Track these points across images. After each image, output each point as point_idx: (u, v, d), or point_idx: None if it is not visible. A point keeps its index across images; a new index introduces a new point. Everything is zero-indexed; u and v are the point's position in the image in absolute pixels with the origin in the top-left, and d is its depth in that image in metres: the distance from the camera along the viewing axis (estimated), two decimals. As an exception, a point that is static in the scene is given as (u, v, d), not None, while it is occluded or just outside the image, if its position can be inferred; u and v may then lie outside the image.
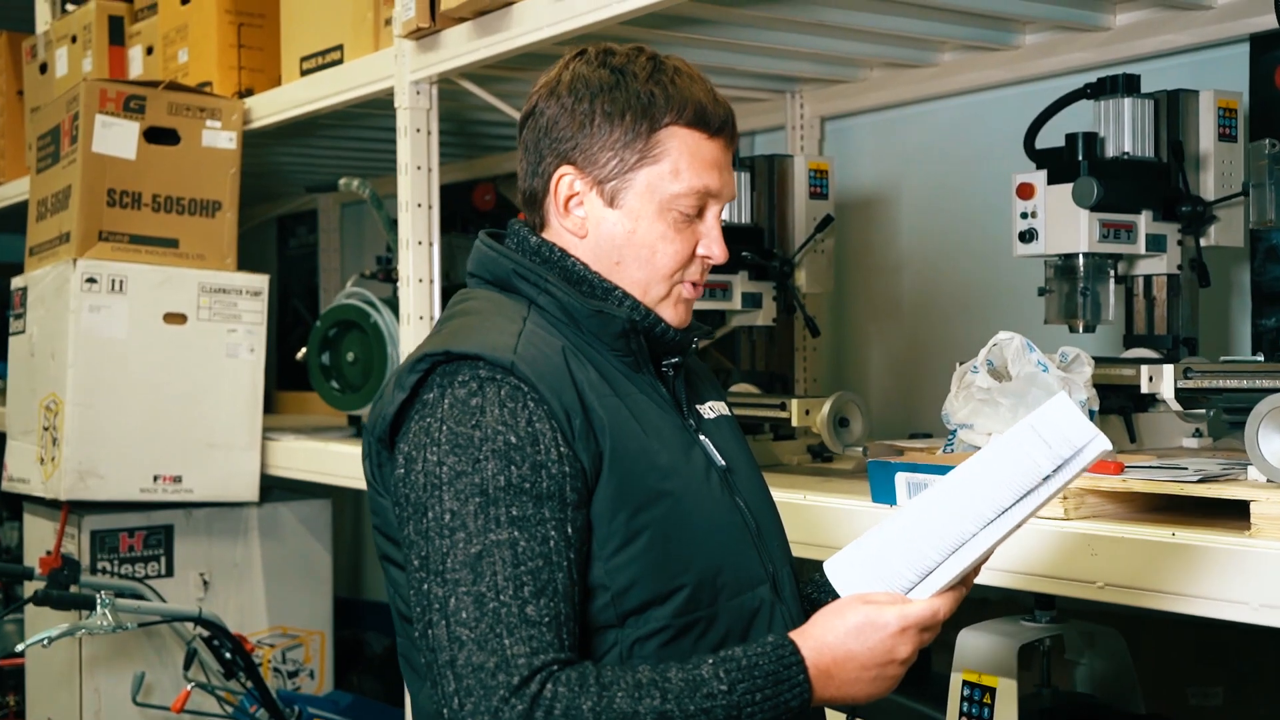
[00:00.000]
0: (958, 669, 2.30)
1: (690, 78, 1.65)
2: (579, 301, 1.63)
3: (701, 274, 1.70)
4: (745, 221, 3.17)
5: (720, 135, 1.66)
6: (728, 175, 1.67)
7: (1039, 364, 2.28)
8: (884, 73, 3.61)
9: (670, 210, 1.64)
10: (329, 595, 4.28)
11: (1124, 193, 2.54)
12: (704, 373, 1.89)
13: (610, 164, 1.63)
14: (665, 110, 1.62)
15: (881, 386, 3.68)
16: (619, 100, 1.62)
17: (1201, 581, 1.79)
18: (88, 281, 3.69)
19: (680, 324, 1.70)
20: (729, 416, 1.83)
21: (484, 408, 1.51)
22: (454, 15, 3.07)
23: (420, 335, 3.36)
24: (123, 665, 3.75)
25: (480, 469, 1.49)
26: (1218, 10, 2.93)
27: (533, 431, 1.51)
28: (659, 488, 1.57)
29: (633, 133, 1.62)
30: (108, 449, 3.71)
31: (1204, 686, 2.79)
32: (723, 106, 1.67)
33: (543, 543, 1.48)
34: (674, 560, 1.57)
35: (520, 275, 1.67)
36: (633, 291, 1.66)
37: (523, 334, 1.59)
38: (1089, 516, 2.01)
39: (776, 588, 1.68)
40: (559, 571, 1.49)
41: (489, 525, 1.47)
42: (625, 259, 1.66)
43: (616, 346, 1.65)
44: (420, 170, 3.36)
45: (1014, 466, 1.50)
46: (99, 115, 3.78)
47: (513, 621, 1.44)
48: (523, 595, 1.45)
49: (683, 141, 1.63)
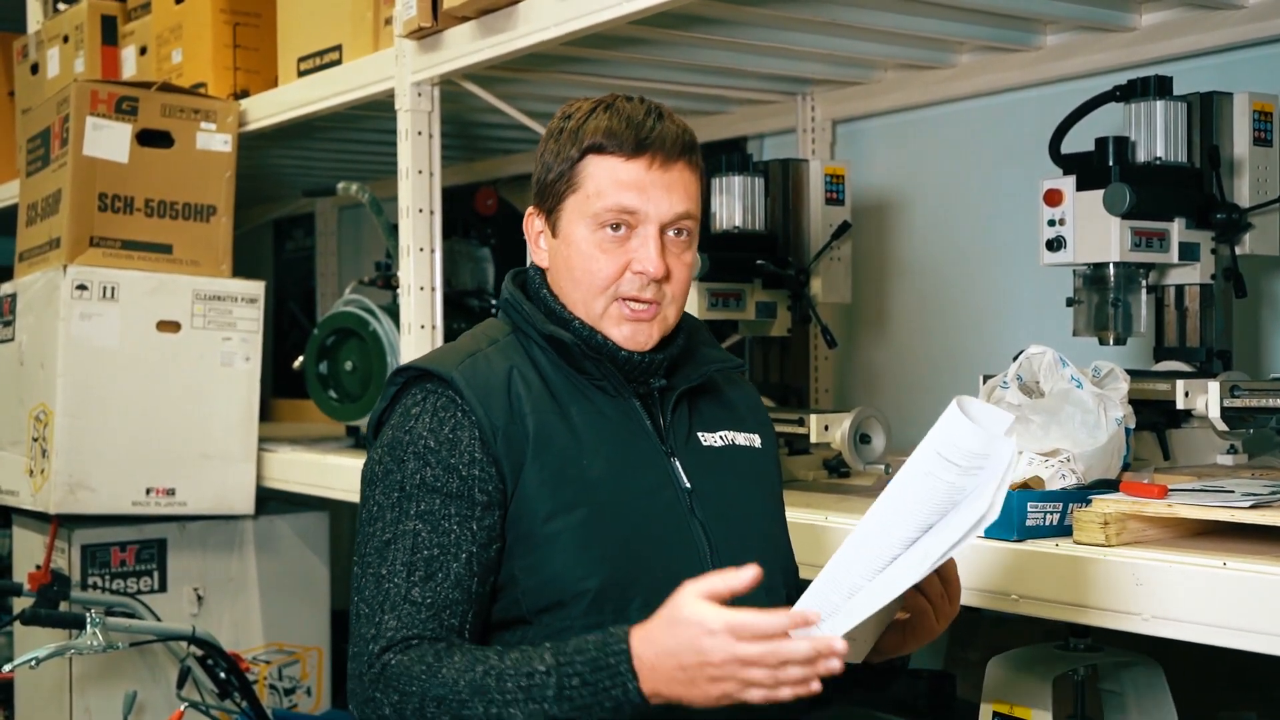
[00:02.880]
0: (988, 700, 2.20)
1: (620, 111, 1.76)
2: (539, 327, 1.79)
3: (640, 289, 1.76)
4: (759, 228, 3.07)
5: (639, 155, 1.74)
6: (657, 193, 1.74)
7: (1072, 379, 2.19)
8: (899, 74, 3.52)
9: (595, 230, 1.75)
10: (326, 610, 4.19)
11: (1156, 199, 2.45)
12: (739, 403, 1.93)
13: (549, 198, 1.81)
14: (583, 142, 1.76)
15: (894, 398, 3.58)
16: (556, 141, 1.80)
17: (1257, 615, 1.69)
18: (78, 288, 3.61)
19: (631, 343, 1.77)
20: (751, 448, 1.89)
21: (420, 416, 1.73)
22: (457, 14, 2.98)
23: (421, 343, 3.29)
24: (114, 683, 3.66)
25: (403, 468, 1.71)
26: (1249, 10, 2.83)
27: (454, 438, 1.70)
28: (579, 498, 1.70)
29: (561, 167, 1.78)
30: (99, 461, 3.62)
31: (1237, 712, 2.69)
32: (649, 129, 1.75)
33: (443, 535, 1.67)
34: (584, 565, 1.67)
35: (510, 305, 1.85)
36: (579, 311, 1.79)
37: (477, 355, 1.77)
38: (1131, 543, 1.92)
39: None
40: (454, 562, 1.66)
41: (400, 517, 1.69)
42: (568, 281, 1.79)
43: (583, 369, 1.78)
44: (422, 174, 3.27)
45: (929, 489, 1.51)
46: (90, 117, 3.69)
47: (397, 600, 1.64)
48: (413, 579, 1.65)
49: (598, 167, 1.75)
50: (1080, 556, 1.90)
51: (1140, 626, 1.83)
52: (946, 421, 1.50)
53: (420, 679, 1.59)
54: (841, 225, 3.08)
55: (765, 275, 2.98)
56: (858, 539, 1.55)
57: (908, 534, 1.53)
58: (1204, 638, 1.76)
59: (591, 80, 3.48)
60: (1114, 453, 2.15)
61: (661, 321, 1.78)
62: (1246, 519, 1.82)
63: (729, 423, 1.89)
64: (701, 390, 1.88)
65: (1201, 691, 2.67)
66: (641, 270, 1.74)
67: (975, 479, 1.50)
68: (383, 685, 1.61)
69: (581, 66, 3.39)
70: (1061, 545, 1.97)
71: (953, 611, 1.74)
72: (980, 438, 1.48)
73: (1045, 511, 2.02)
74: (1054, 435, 2.13)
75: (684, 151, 1.77)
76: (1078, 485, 2.07)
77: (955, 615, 1.75)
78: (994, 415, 1.54)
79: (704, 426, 1.86)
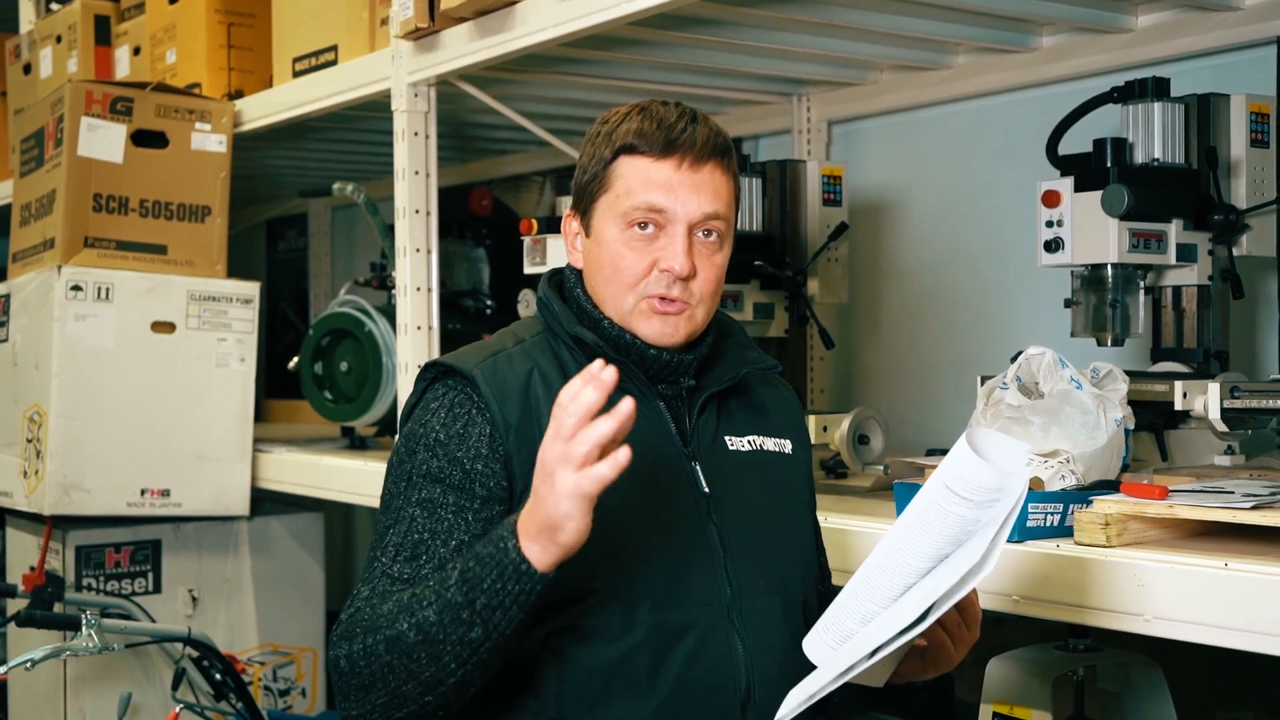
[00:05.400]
0: (987, 700, 2.20)
1: (653, 113, 1.79)
2: (567, 327, 1.81)
3: (667, 287, 1.77)
4: (756, 229, 3.07)
5: (669, 156, 1.76)
6: (685, 193, 1.76)
7: (1072, 380, 2.19)
8: (895, 75, 3.52)
9: (625, 229, 1.77)
10: (321, 611, 4.19)
11: (1154, 201, 2.45)
12: (771, 407, 1.94)
13: (584, 199, 1.84)
14: (615, 144, 1.79)
15: (891, 399, 3.58)
16: (592, 145, 1.84)
17: (1259, 616, 1.70)
18: (73, 289, 3.59)
19: (659, 338, 1.79)
20: (780, 454, 1.89)
21: (437, 410, 1.77)
22: (454, 15, 2.98)
23: (417, 344, 3.28)
24: (109, 685, 3.65)
25: (413, 458, 1.75)
26: (1245, 11, 2.84)
27: (464, 432, 1.74)
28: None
29: (595, 169, 1.82)
30: (93, 462, 3.61)
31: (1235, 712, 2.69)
32: (680, 131, 1.77)
33: (436, 521, 1.71)
34: (592, 565, 1.64)
35: (543, 305, 1.88)
36: (609, 310, 1.81)
37: (500, 354, 1.80)
38: (1131, 544, 1.92)
39: (732, 614, 1.73)
40: (442, 547, 1.70)
41: (403, 504, 1.74)
42: (599, 279, 1.81)
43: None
44: (418, 175, 3.27)
45: (940, 521, 1.51)
46: (85, 117, 3.68)
47: (377, 575, 1.70)
48: (398, 559, 1.70)
49: (629, 167, 1.78)
50: (1082, 557, 1.90)
51: (1142, 627, 1.84)
52: (955, 456, 1.48)
53: (364, 621, 1.65)
54: (839, 226, 3.08)
55: (763, 276, 2.97)
56: (872, 566, 1.55)
57: (921, 564, 1.52)
58: (1206, 638, 1.77)
59: (588, 81, 3.48)
60: (1113, 454, 2.15)
61: (690, 320, 1.79)
62: (1248, 520, 1.82)
63: (759, 427, 1.90)
64: (733, 391, 1.88)
65: (1199, 692, 2.68)
66: (668, 269, 1.76)
67: (988, 511, 1.48)
68: (339, 641, 1.67)
69: (578, 68, 3.39)
70: (1062, 546, 1.97)
71: (972, 638, 1.74)
72: (990, 473, 1.47)
73: (1046, 512, 2.02)
74: (1054, 436, 2.13)
75: (715, 153, 1.78)
76: (1077, 486, 2.07)
77: (975, 640, 1.75)
78: (1007, 449, 1.52)
79: (732, 430, 1.87)
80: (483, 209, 4.30)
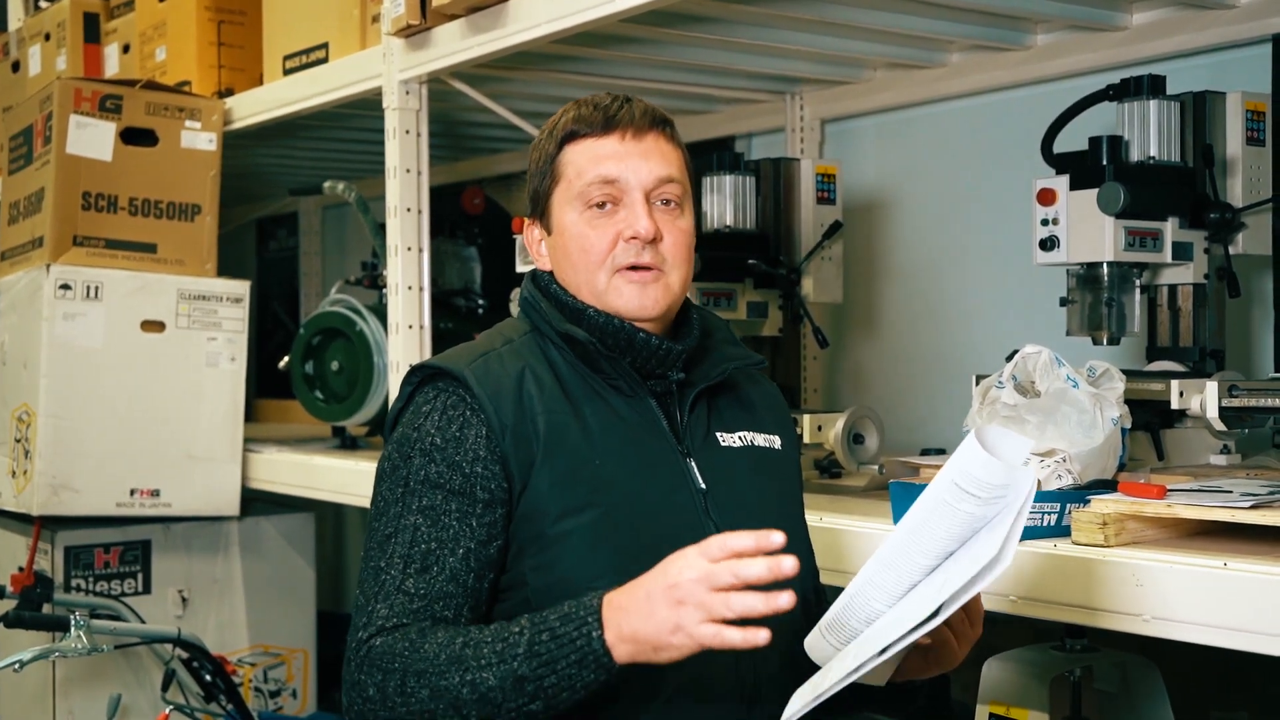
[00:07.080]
0: (983, 701, 2.19)
1: (588, 101, 1.81)
2: (556, 325, 1.79)
3: (636, 254, 1.76)
4: (750, 227, 3.05)
5: (610, 132, 1.78)
6: (634, 160, 1.77)
7: (1068, 379, 2.17)
8: (889, 73, 3.51)
9: (584, 210, 1.78)
10: (312, 612, 4.17)
11: (1150, 199, 2.44)
12: (759, 403, 1.93)
13: (540, 201, 1.84)
14: (558, 137, 1.81)
15: (885, 398, 3.56)
16: (538, 150, 1.85)
17: (1259, 615, 1.68)
18: (62, 288, 3.57)
19: (639, 309, 1.77)
20: (770, 449, 1.89)
21: (430, 414, 1.74)
22: (446, 12, 2.97)
23: (409, 344, 3.27)
24: (98, 686, 3.63)
25: (409, 464, 1.72)
26: (1240, 9, 2.83)
27: (460, 435, 1.71)
28: (590, 498, 1.71)
29: (543, 167, 1.83)
30: (82, 462, 3.59)
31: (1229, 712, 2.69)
32: (616, 109, 1.79)
33: (442, 530, 1.69)
34: (594, 566, 1.67)
35: (529, 304, 1.87)
36: (587, 294, 1.80)
37: (490, 354, 1.78)
38: (1130, 543, 1.91)
39: None
40: (450, 556, 1.68)
41: (403, 512, 1.71)
42: (569, 268, 1.81)
43: (599, 368, 1.78)
44: (410, 174, 3.25)
45: (948, 519, 1.49)
46: (74, 115, 3.66)
47: (390, 590, 1.67)
48: (408, 571, 1.67)
49: (575, 152, 1.80)
50: (1080, 557, 1.89)
51: (1141, 628, 1.82)
52: (963, 453, 1.47)
53: (402, 656, 1.61)
54: (833, 225, 3.06)
55: (756, 275, 2.96)
56: (877, 565, 1.54)
57: (927, 562, 1.51)
58: (1205, 638, 1.75)
59: (580, 79, 3.46)
60: (1110, 453, 2.14)
61: (666, 289, 1.78)
62: (1247, 519, 1.81)
63: (748, 423, 1.89)
64: (721, 389, 1.88)
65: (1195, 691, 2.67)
66: (634, 235, 1.76)
67: (995, 507, 1.47)
68: (368, 667, 1.63)
69: (570, 65, 3.37)
70: (1060, 546, 1.96)
71: (975, 635, 1.73)
72: (998, 469, 1.46)
73: (1043, 512, 2.01)
74: (1050, 435, 2.12)
75: (654, 124, 1.80)
76: (1074, 485, 2.06)
77: (978, 637, 1.74)
78: (1013, 443, 1.51)
79: (723, 427, 1.86)
80: (474, 207, 4.29)
